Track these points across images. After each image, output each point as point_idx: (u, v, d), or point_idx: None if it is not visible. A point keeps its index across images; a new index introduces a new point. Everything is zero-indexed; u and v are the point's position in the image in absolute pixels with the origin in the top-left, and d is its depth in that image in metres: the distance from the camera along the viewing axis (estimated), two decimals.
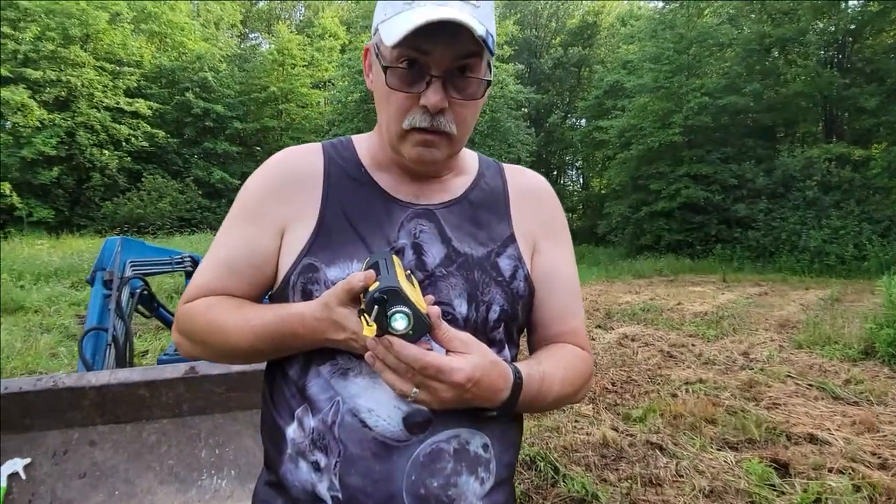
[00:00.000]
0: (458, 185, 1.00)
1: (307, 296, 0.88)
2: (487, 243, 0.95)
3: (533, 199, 1.05)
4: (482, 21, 0.81)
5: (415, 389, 0.75)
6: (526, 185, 1.06)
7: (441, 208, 0.96)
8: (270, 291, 0.98)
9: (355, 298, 0.79)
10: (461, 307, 0.89)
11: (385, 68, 0.85)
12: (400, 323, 0.72)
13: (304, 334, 0.84)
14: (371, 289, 0.74)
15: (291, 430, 0.90)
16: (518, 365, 0.86)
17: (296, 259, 0.90)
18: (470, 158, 1.06)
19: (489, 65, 0.88)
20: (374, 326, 0.73)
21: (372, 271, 0.78)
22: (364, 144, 1.02)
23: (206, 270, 0.96)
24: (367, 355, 0.77)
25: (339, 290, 0.80)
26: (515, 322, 0.96)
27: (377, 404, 0.85)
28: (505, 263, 0.95)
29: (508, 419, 0.93)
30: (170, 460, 2.13)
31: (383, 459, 0.84)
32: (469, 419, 0.86)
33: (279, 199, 0.94)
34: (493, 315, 0.92)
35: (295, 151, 1.01)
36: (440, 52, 0.82)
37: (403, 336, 0.73)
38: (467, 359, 0.76)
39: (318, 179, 0.95)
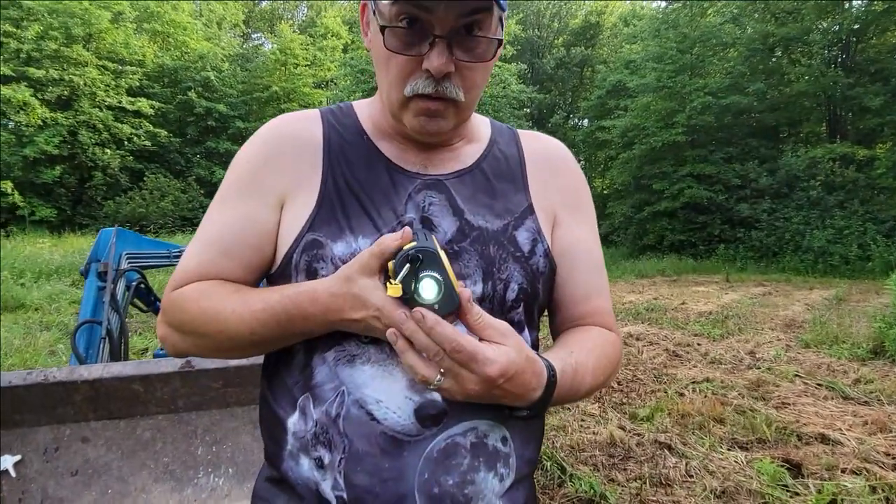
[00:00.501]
0: (469, 153, 0.91)
1: (312, 275, 0.79)
2: (504, 215, 0.87)
3: (553, 168, 0.96)
4: None
5: (439, 376, 0.66)
6: (544, 152, 0.97)
7: (452, 178, 0.87)
8: (269, 273, 0.88)
9: (384, 267, 0.70)
10: (476, 285, 0.81)
11: (383, 28, 0.75)
12: (428, 290, 0.64)
13: (315, 314, 0.74)
14: (406, 247, 0.67)
15: (292, 423, 0.82)
16: (550, 358, 0.76)
17: (297, 235, 0.81)
18: (481, 124, 0.97)
19: (501, 21, 0.79)
20: (399, 288, 0.65)
21: (408, 229, 0.70)
22: (366, 111, 0.93)
23: (195, 253, 0.85)
24: (389, 332, 0.67)
25: (364, 257, 0.71)
26: (536, 301, 0.87)
27: (386, 395, 0.76)
28: (523, 237, 0.86)
29: None
30: (165, 458, 2.06)
31: (393, 456, 0.76)
32: (487, 410, 0.77)
33: (276, 168, 0.85)
34: (511, 294, 0.83)
35: (290, 117, 0.91)
36: (444, 9, 0.72)
37: (428, 308, 0.65)
38: (503, 351, 0.67)
39: (317, 147, 0.86)
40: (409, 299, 0.66)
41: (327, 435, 0.78)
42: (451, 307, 0.66)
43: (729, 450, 3.41)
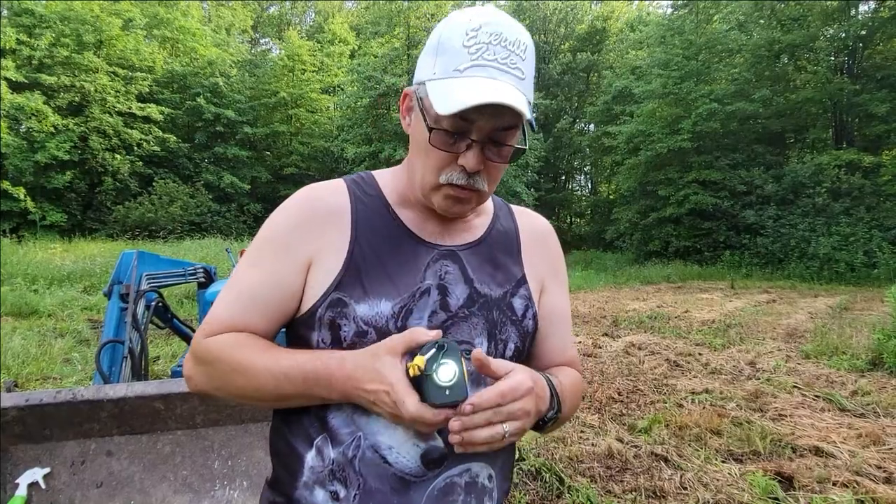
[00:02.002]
0: (478, 225, 1.06)
1: (335, 329, 0.91)
2: (504, 284, 1.02)
3: (542, 244, 1.12)
4: (526, 92, 0.87)
5: (504, 428, 0.79)
6: (534, 229, 1.13)
7: (464, 249, 1.01)
8: (292, 319, 0.98)
9: (408, 352, 0.82)
10: (482, 345, 0.96)
11: (430, 128, 0.88)
12: (446, 373, 0.76)
13: (339, 378, 0.85)
14: (437, 338, 0.80)
15: (310, 458, 0.93)
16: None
17: (324, 292, 0.92)
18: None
19: (524, 131, 0.92)
20: (423, 360, 0.77)
21: (440, 331, 0.84)
22: (388, 182, 1.04)
23: (228, 304, 0.95)
24: (451, 437, 0.78)
25: (394, 340, 0.83)
26: (523, 356, 1.03)
27: (397, 443, 0.90)
28: (518, 303, 1.02)
29: (511, 448, 1.00)
30: (184, 471, 2.20)
31: (401, 494, 0.89)
32: (478, 454, 0.90)
33: (305, 234, 0.95)
34: (509, 353, 0.98)
35: (319, 188, 1.02)
36: (484, 122, 0.85)
37: (439, 389, 0.76)
38: (519, 369, 0.83)
39: (345, 216, 0.97)
40: (427, 377, 0.76)
41: (344, 472, 0.91)
42: (460, 395, 0.76)
43: (723, 462, 3.50)
